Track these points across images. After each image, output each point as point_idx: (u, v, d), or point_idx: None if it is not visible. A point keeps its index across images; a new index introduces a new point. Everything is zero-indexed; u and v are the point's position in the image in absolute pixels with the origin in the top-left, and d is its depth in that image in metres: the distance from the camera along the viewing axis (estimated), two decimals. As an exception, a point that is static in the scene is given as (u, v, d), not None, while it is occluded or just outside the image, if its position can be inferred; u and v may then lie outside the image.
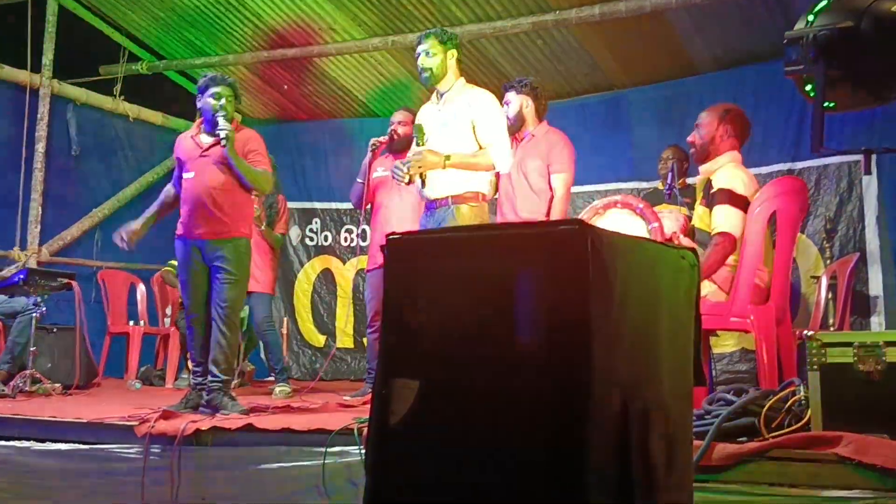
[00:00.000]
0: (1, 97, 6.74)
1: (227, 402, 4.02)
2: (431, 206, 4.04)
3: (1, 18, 6.87)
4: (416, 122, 4.10)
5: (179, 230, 4.24)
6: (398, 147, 5.05)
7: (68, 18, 7.05)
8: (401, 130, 5.11)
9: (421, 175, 3.93)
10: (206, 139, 4.23)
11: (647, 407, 1.73)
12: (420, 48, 4.07)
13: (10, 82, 6.73)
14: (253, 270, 5.66)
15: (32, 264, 6.54)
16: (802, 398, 2.65)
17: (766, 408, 2.61)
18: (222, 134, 4.06)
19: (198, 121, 4.33)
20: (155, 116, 7.86)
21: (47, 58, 6.91)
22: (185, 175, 4.24)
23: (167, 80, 7.99)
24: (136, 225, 4.40)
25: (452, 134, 3.99)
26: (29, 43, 6.72)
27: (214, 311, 4.16)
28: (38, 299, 5.27)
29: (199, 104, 4.24)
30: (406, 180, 3.97)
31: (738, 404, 2.64)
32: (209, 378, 4.11)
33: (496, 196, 4.46)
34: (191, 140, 4.29)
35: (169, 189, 4.49)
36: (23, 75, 6.77)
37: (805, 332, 2.69)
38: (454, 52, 4.08)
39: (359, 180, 5.18)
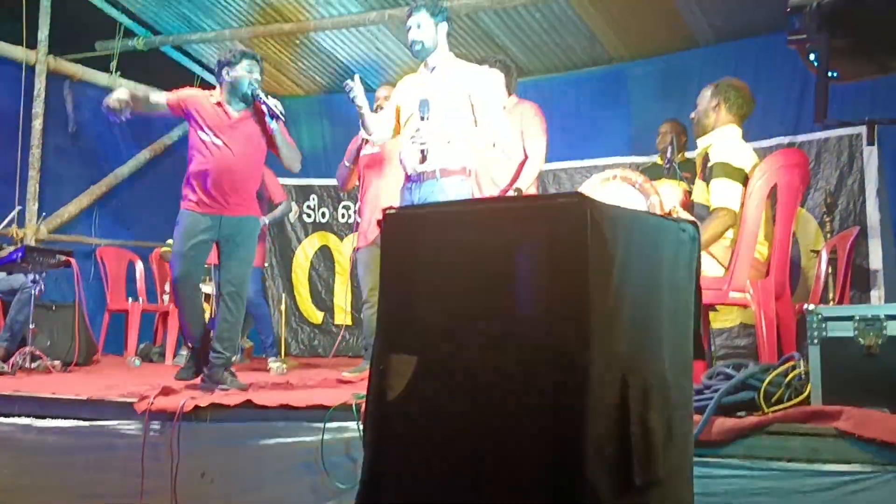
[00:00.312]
0: (-2, 74, 6.69)
1: (227, 376, 4.05)
2: (417, 178, 4.01)
3: (-5, -6, 6.82)
4: (421, 96, 4.03)
5: (196, 200, 4.11)
6: None
7: (63, -7, 6.99)
8: (385, 106, 5.06)
9: (422, 150, 3.91)
10: (234, 112, 4.16)
11: (646, 381, 1.72)
12: (410, 21, 4.03)
13: (7, 58, 6.68)
14: None
15: (31, 241, 6.52)
16: (802, 373, 2.65)
17: (765, 382, 2.60)
18: (278, 110, 4.08)
19: (219, 90, 4.24)
20: (151, 92, 7.81)
21: (43, 34, 6.84)
22: (206, 137, 4.11)
23: (163, 56, 7.92)
24: (127, 94, 4.06)
25: (450, 108, 3.97)
26: (24, 19, 6.65)
27: (224, 289, 4.17)
28: (37, 276, 5.25)
29: (227, 77, 4.15)
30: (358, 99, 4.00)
31: (737, 379, 2.64)
32: (212, 354, 4.11)
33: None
34: (216, 107, 4.17)
35: (161, 97, 4.26)
36: (18, 51, 6.71)
37: (806, 306, 2.68)
38: (445, 24, 4.06)
39: (346, 163, 5.14)
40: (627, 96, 6.68)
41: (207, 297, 6.33)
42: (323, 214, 7.89)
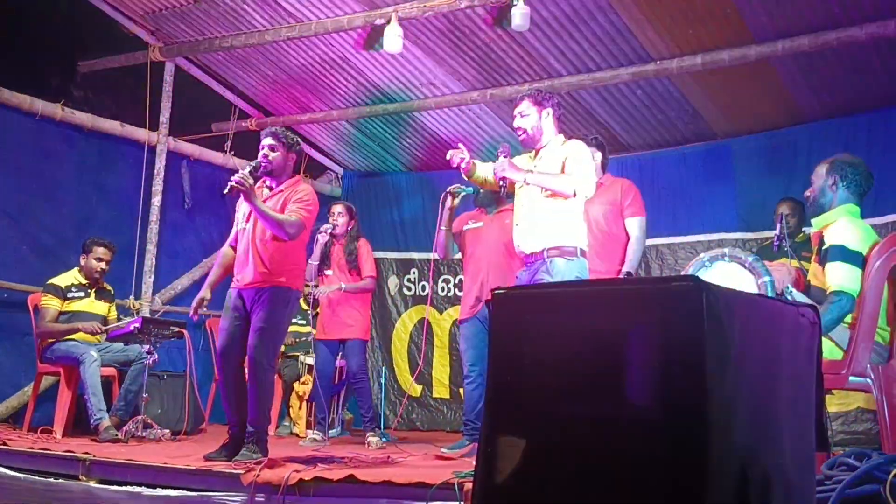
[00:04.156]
0: (122, 154, 7.11)
1: (245, 452, 4.06)
2: (528, 259, 4.06)
3: (122, 80, 7.30)
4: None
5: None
6: (484, 201, 5.16)
7: (183, 78, 7.42)
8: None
9: (498, 185, 4.04)
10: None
11: (767, 473, 1.66)
12: (516, 110, 4.14)
13: (131, 140, 7.11)
14: (346, 316, 5.75)
15: (146, 313, 6.80)
16: (932, 465, 2.48)
17: (891, 474, 2.45)
18: (233, 179, 4.20)
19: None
20: (262, 170, 8.14)
21: (164, 116, 7.28)
22: (239, 226, 4.53)
23: (274, 135, 8.27)
24: (205, 293, 4.60)
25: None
26: (147, 102, 7.10)
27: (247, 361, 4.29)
28: (152, 347, 5.46)
29: None
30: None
31: (861, 470, 2.49)
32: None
33: None
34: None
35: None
36: (141, 133, 7.14)
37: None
38: (550, 110, 4.11)
39: (442, 228, 5.15)
40: (733, 172, 6.57)
41: (310, 368, 6.44)
42: (423, 287, 7.97)
